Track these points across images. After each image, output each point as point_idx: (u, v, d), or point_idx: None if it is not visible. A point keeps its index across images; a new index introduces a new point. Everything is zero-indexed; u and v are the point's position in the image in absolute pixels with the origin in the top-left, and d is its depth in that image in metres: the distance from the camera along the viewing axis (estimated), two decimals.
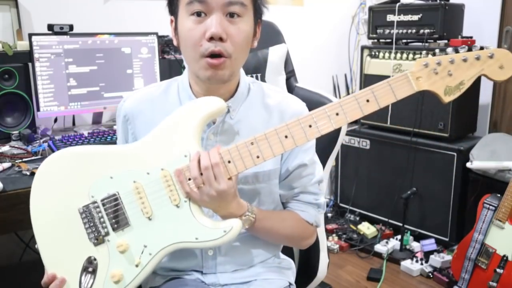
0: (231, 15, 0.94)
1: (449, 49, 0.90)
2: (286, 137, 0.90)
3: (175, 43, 1.03)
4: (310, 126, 0.90)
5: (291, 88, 1.71)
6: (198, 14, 0.93)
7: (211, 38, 0.92)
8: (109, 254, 0.94)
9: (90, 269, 0.94)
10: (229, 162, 0.90)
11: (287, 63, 1.77)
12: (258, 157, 0.90)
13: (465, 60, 0.88)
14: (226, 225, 0.91)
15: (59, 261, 0.96)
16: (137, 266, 0.92)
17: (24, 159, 1.52)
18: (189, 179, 0.91)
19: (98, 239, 0.94)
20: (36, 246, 0.97)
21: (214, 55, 0.93)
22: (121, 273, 0.92)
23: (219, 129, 1.03)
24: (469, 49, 0.89)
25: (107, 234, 0.94)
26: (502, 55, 0.87)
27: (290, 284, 1.17)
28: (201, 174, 0.89)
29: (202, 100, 0.96)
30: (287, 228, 1.08)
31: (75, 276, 0.94)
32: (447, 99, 0.89)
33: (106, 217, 0.94)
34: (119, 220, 0.94)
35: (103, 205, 0.94)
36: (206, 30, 0.92)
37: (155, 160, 0.93)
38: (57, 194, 0.96)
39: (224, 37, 0.92)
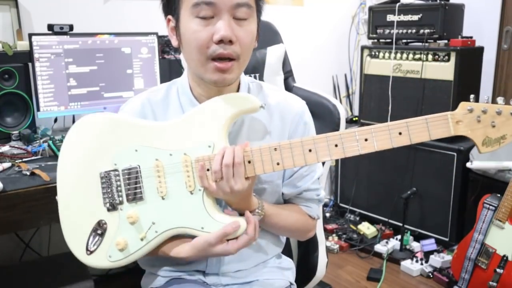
0: (239, 17, 0.94)
1: (499, 99, 0.85)
2: (310, 151, 0.90)
3: (174, 44, 1.02)
4: (336, 145, 0.89)
5: (289, 88, 1.71)
6: (205, 16, 0.93)
7: (220, 41, 0.91)
8: (119, 222, 0.97)
9: (99, 231, 0.97)
10: (249, 162, 0.92)
11: (285, 63, 1.78)
12: (278, 164, 0.91)
13: None
14: (234, 220, 0.93)
15: (73, 217, 0.99)
16: (142, 239, 0.96)
17: (24, 159, 1.52)
18: (208, 169, 0.93)
19: (112, 206, 0.97)
20: (56, 197, 1.00)
21: (221, 58, 0.93)
22: (126, 242, 0.96)
23: (235, 129, 1.03)
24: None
25: (121, 202, 0.97)
26: None
27: (291, 284, 1.17)
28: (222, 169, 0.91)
29: (241, 95, 0.98)
30: (293, 223, 1.11)
31: (84, 234, 0.97)
32: (483, 150, 0.86)
33: (124, 187, 0.97)
34: (135, 193, 0.96)
35: (123, 175, 0.97)
36: (214, 32, 0.92)
37: (180, 144, 0.96)
38: (84, 154, 0.99)
39: (233, 39, 0.92)
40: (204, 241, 0.92)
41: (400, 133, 0.86)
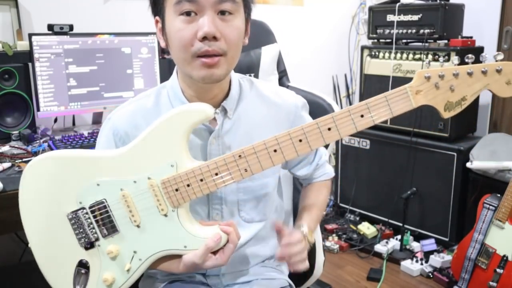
0: (223, 13, 0.91)
1: (454, 57, 0.84)
2: (275, 151, 0.87)
3: (162, 44, 0.99)
4: (300, 140, 0.86)
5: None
6: (188, 13, 0.90)
7: (204, 38, 0.89)
8: (101, 258, 0.94)
9: (83, 271, 0.95)
10: (216, 174, 0.89)
11: (279, 62, 1.78)
12: (246, 170, 0.88)
13: (470, 74, 0.82)
14: (213, 231, 0.91)
15: (52, 263, 0.96)
16: (128, 271, 0.94)
17: (24, 159, 1.52)
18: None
19: (89, 244, 0.94)
20: (29, 245, 0.97)
21: (207, 55, 0.91)
22: (113, 277, 0.94)
23: (220, 132, 1.01)
24: (477, 60, 0.82)
25: (97, 239, 0.94)
26: (511, 69, 0.81)
27: (290, 284, 1.17)
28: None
29: (187, 107, 0.93)
30: (324, 201, 1.19)
31: (68, 277, 0.95)
32: (446, 114, 0.84)
33: (95, 224, 0.94)
34: (108, 227, 0.94)
35: (92, 212, 0.94)
36: (198, 29, 0.89)
37: (142, 168, 0.91)
38: (45, 198, 0.95)
39: (218, 36, 0.90)
40: (191, 261, 0.90)
41: (362, 116, 0.84)
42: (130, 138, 1.00)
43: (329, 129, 0.85)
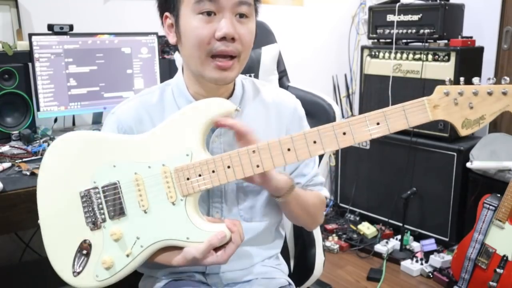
0: (241, 15, 0.94)
1: (475, 79, 0.84)
2: (289, 150, 0.88)
3: (171, 41, 1.01)
4: (314, 142, 0.87)
5: (283, 88, 1.71)
6: (208, 13, 0.92)
7: (222, 38, 0.92)
8: (103, 240, 0.95)
9: (84, 252, 0.96)
10: (228, 167, 0.90)
11: (279, 62, 1.78)
12: (258, 166, 0.89)
13: (490, 94, 0.81)
14: (218, 228, 0.91)
15: (56, 239, 0.97)
16: (127, 256, 0.94)
17: (24, 159, 1.52)
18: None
19: (95, 224, 0.95)
20: (38, 221, 0.99)
21: (222, 55, 0.93)
22: (112, 260, 0.94)
23: (222, 130, 1.02)
24: (498, 81, 0.82)
25: (103, 220, 0.95)
26: None
27: (289, 282, 1.17)
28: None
29: (212, 100, 0.95)
30: (314, 203, 1.11)
31: (69, 255, 0.96)
32: (463, 132, 0.83)
33: (105, 204, 0.95)
34: (116, 209, 0.95)
35: (103, 191, 0.95)
36: (216, 29, 0.92)
37: (158, 155, 0.94)
38: (63, 175, 0.97)
39: (236, 37, 0.93)
40: (192, 255, 0.91)
41: (378, 123, 0.84)
42: (134, 132, 1.02)
43: (344, 133, 0.85)
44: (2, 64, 1.73)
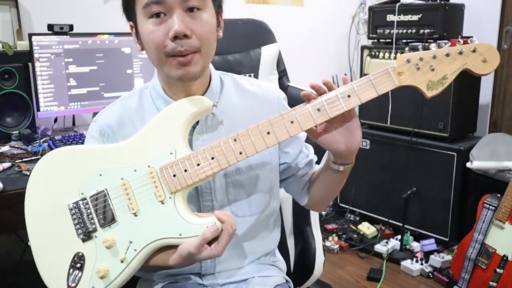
0: (191, 9, 0.92)
1: (432, 45, 0.90)
2: (268, 133, 0.91)
3: (138, 48, 1.01)
4: (292, 122, 0.91)
5: (284, 87, 1.71)
6: (157, 15, 0.91)
7: (175, 37, 0.90)
8: (96, 249, 0.95)
9: (78, 265, 0.95)
10: (212, 158, 0.92)
11: (279, 62, 1.78)
12: (240, 153, 0.91)
13: (447, 55, 0.88)
14: (209, 221, 0.91)
15: (49, 258, 0.97)
16: (122, 261, 0.93)
17: (24, 159, 1.52)
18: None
19: (86, 235, 0.95)
20: (28, 243, 0.98)
21: (181, 55, 0.92)
22: (107, 269, 0.93)
23: (204, 127, 1.03)
24: (453, 45, 0.89)
25: (94, 230, 0.95)
26: (485, 49, 0.87)
27: (287, 281, 1.17)
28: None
29: (188, 99, 0.96)
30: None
31: (63, 272, 0.95)
32: (430, 93, 0.90)
33: (94, 213, 0.95)
34: (106, 216, 0.95)
35: (92, 201, 0.95)
36: (168, 29, 0.91)
37: (142, 157, 0.95)
38: (50, 191, 0.97)
39: (188, 33, 0.91)
40: (187, 251, 0.90)
41: (349, 96, 0.90)
42: (116, 136, 1.03)
43: (318, 109, 0.91)
44: (2, 64, 1.73)
